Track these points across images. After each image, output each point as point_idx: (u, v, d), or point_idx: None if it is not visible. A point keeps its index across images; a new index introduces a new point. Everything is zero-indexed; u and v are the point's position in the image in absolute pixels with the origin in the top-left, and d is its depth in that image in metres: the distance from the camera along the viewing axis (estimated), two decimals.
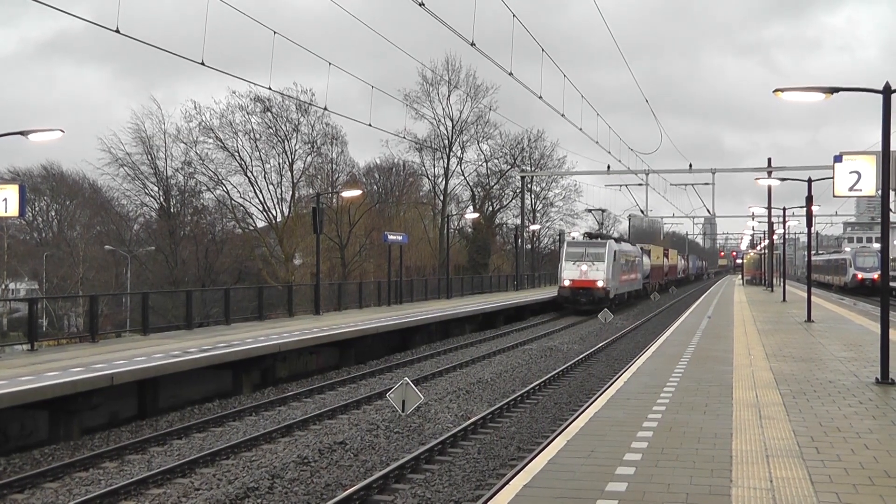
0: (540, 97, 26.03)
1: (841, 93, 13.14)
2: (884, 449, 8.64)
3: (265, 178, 57.71)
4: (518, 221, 63.48)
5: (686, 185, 49.81)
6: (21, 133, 17.55)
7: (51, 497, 10.84)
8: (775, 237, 55.30)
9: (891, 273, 42.76)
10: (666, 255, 79.44)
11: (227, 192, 57.41)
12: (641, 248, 60.76)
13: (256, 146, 57.02)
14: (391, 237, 41.65)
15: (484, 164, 70.55)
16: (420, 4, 16.21)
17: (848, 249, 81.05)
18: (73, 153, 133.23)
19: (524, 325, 37.59)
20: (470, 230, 71.82)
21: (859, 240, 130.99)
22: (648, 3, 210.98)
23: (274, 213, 58.63)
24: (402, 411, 15.14)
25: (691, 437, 9.21)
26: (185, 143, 55.94)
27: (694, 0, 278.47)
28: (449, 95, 65.72)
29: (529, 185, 59.78)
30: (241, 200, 57.93)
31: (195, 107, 55.72)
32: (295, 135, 58.28)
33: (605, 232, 62.19)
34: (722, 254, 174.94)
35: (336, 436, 13.90)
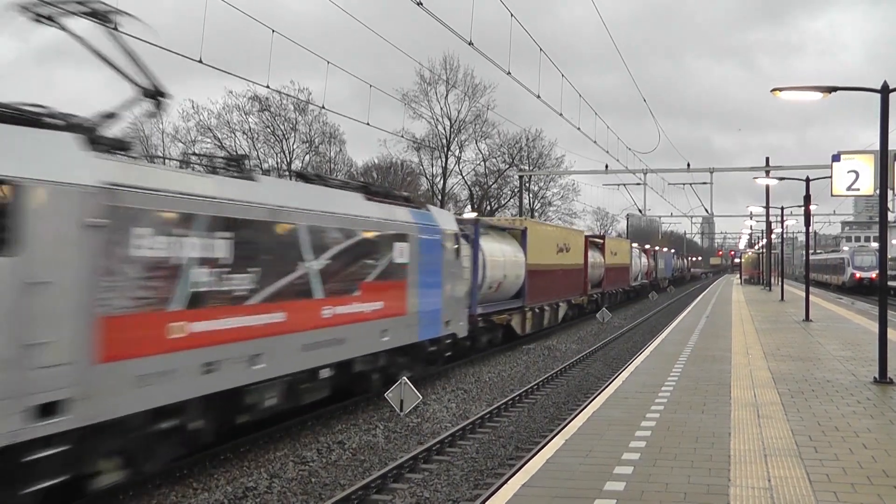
0: (538, 96, 26.00)
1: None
2: (882, 448, 8.65)
3: None
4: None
5: (684, 184, 49.61)
6: None
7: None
8: (773, 236, 55.36)
9: (889, 272, 42.80)
10: (599, 249, 44.49)
11: None
12: (506, 233, 28.50)
13: (254, 145, 57.01)
14: None
15: (482, 164, 70.58)
16: (418, 4, 16.18)
17: (846, 249, 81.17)
18: None
19: None
20: None
21: (857, 239, 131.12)
22: (631, 8, 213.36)
23: None
24: (401, 411, 15.13)
25: (689, 437, 9.21)
26: (183, 143, 55.88)
27: (676, 6, 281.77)
28: (447, 95, 65.69)
29: (527, 185, 59.69)
30: None
31: (193, 106, 55.67)
32: (293, 134, 58.28)
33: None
34: (720, 252, 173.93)
35: (334, 435, 13.89)
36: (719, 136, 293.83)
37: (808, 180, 28.42)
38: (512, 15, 20.42)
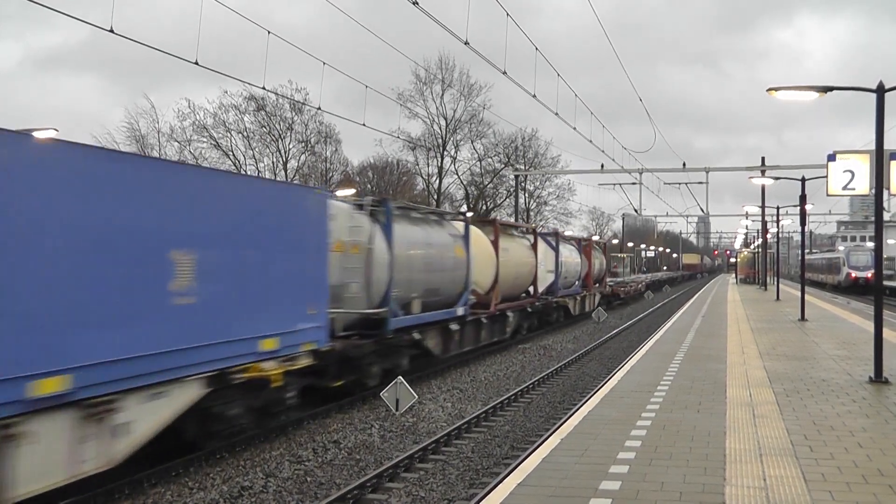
0: (534, 95, 26.03)
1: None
2: (877, 447, 8.65)
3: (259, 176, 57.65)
4: (512, 220, 63.15)
5: (679, 184, 49.56)
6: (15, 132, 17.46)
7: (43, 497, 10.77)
8: (769, 236, 55.38)
9: (885, 272, 42.86)
10: None
11: None
12: None
13: (250, 145, 56.96)
14: None
15: (478, 163, 70.53)
16: (414, 3, 16.16)
17: (842, 248, 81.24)
18: None
19: None
20: None
21: (853, 239, 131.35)
22: (605, 17, 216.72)
23: None
24: (396, 410, 15.12)
25: (685, 436, 9.21)
26: (179, 143, 55.78)
27: (648, 16, 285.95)
28: (443, 94, 65.63)
29: (523, 185, 59.56)
30: None
31: (189, 105, 55.59)
32: (289, 134, 58.20)
33: None
34: (716, 252, 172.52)
35: (330, 434, 13.88)
36: (698, 138, 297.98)
37: (803, 180, 28.45)
38: (508, 14, 20.43)
